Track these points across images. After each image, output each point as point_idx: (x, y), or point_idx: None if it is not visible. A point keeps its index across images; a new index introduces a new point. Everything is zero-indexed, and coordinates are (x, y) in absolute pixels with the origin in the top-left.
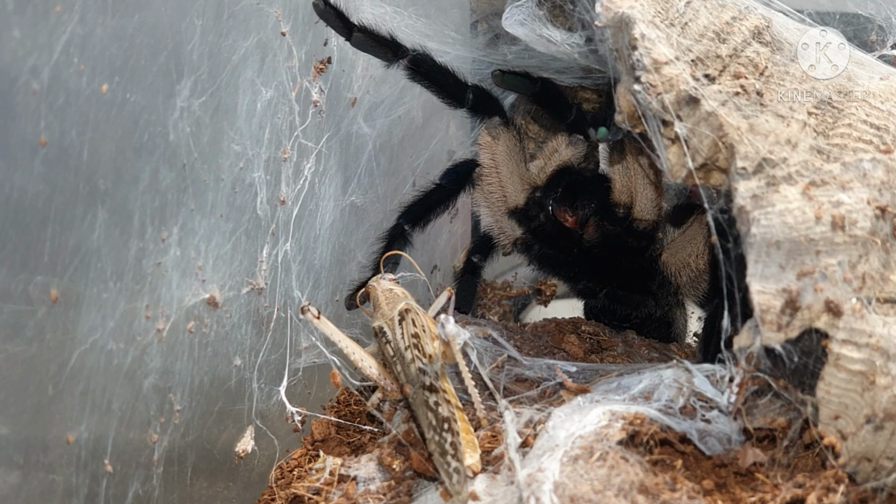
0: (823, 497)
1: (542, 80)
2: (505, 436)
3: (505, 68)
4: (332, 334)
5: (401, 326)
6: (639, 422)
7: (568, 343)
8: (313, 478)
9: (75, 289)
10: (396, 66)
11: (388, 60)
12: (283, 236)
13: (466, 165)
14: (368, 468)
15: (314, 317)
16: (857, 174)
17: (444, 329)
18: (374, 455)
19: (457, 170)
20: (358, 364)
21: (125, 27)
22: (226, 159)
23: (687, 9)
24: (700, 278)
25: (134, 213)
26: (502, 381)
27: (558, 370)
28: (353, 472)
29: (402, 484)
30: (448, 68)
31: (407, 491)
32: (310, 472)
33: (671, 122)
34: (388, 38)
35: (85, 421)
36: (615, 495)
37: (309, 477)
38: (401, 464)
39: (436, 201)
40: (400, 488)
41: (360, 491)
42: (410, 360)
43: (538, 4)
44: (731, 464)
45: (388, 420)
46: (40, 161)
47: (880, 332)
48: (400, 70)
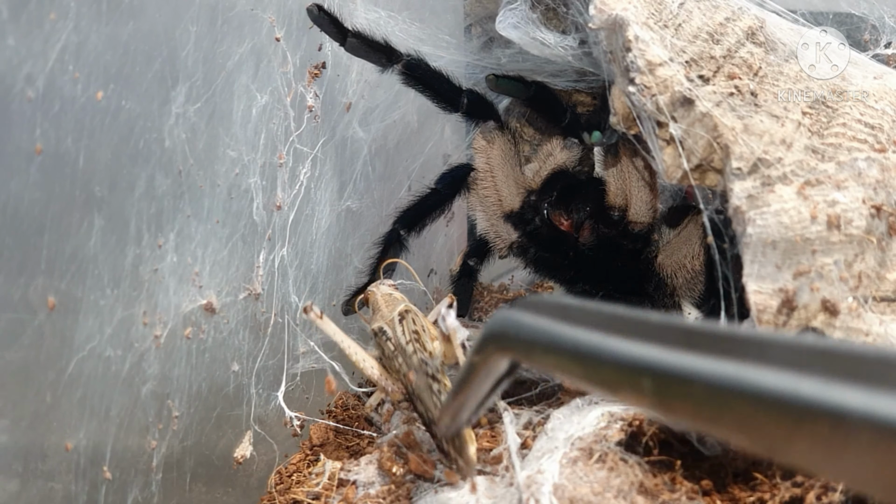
0: (822, 496)
1: (535, 83)
2: (504, 437)
3: (499, 72)
4: (334, 334)
5: (401, 325)
6: (637, 423)
7: None
8: (313, 482)
9: (72, 296)
10: (391, 72)
11: (383, 66)
12: (279, 241)
13: (462, 170)
14: (368, 472)
15: (317, 316)
16: (852, 173)
17: (445, 322)
18: (373, 458)
19: (452, 174)
20: (359, 365)
21: (120, 34)
22: (221, 165)
23: (680, 10)
24: (696, 279)
25: (130, 219)
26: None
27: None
28: (353, 476)
29: (401, 488)
30: (442, 73)
31: (406, 494)
32: (309, 477)
33: (666, 124)
34: (383, 43)
35: (83, 428)
36: (614, 497)
37: (308, 481)
38: (400, 467)
39: (431, 206)
40: (399, 492)
41: (359, 495)
42: (412, 352)
43: (531, 7)
44: (729, 464)
45: (387, 422)
46: (36, 168)
47: (877, 330)
48: (394, 75)
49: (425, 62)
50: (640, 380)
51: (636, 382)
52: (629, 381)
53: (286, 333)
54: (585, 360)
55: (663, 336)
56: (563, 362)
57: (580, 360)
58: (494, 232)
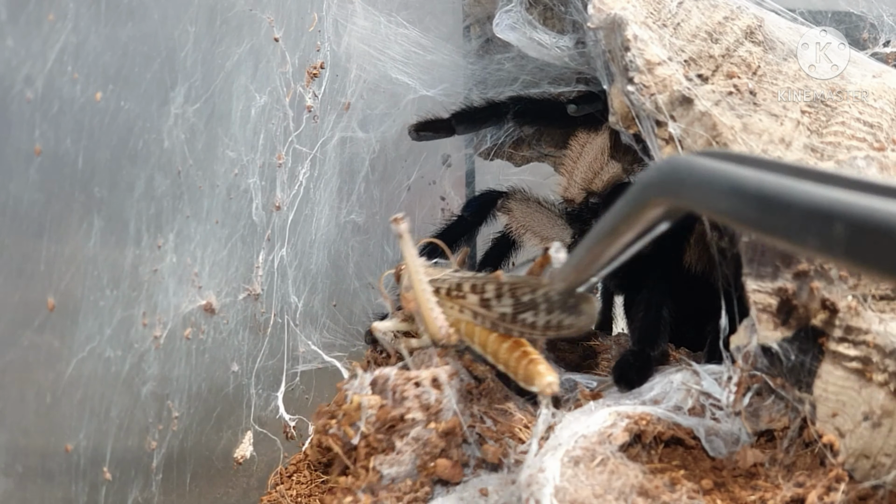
0: (824, 496)
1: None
2: (530, 440)
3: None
4: (411, 259)
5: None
6: (644, 422)
7: (561, 350)
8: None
9: (72, 296)
10: (507, 122)
11: (498, 125)
12: (278, 242)
13: (488, 196)
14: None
15: (405, 231)
16: (852, 171)
17: (557, 254)
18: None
19: (479, 201)
20: (423, 303)
21: (119, 35)
22: (221, 165)
23: (679, 9)
24: None
25: (130, 220)
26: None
27: (581, 387)
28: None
29: (421, 489)
30: (547, 99)
31: (424, 497)
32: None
33: (665, 123)
34: (485, 104)
35: (83, 429)
36: (615, 499)
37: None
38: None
39: (458, 234)
40: (418, 494)
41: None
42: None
43: (528, 9)
44: (730, 464)
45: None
46: (35, 170)
47: (876, 329)
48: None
49: (527, 98)
50: (831, 225)
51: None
52: (818, 227)
53: (286, 334)
54: (770, 204)
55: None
56: (741, 207)
57: (764, 204)
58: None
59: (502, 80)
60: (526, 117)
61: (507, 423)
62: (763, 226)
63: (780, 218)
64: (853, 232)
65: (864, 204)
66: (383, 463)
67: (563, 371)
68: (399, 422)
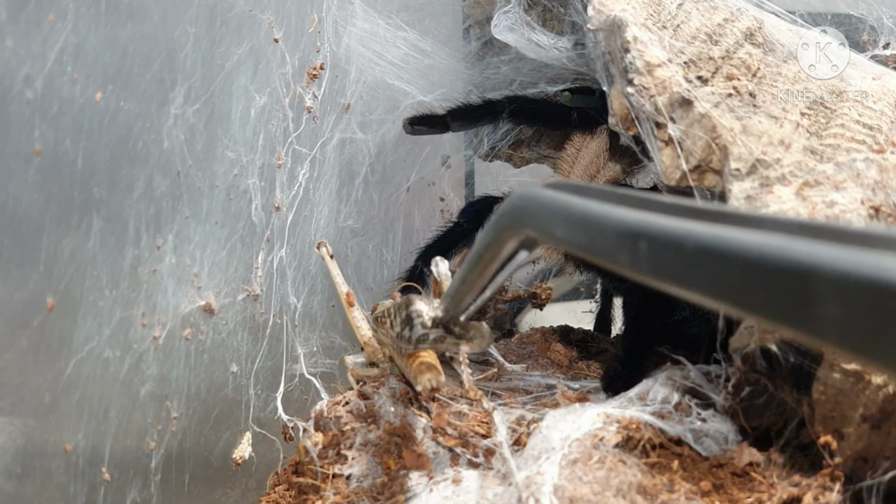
0: (820, 496)
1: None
2: (496, 434)
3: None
4: (336, 277)
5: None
6: (633, 427)
7: (553, 352)
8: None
9: (71, 297)
10: (503, 122)
11: (494, 123)
12: (278, 242)
13: (484, 202)
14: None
15: (327, 254)
16: (851, 174)
17: (437, 268)
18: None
19: (475, 207)
20: (353, 321)
21: (118, 35)
22: (220, 166)
23: (679, 11)
24: None
25: (129, 220)
26: (490, 390)
27: (559, 384)
28: (347, 470)
29: (395, 482)
30: (544, 99)
31: (401, 489)
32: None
33: (664, 125)
34: (481, 102)
35: (82, 429)
36: (614, 496)
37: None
38: (395, 461)
39: (454, 240)
40: (394, 487)
41: (352, 487)
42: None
43: (526, 10)
44: (727, 464)
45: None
46: (35, 170)
47: None
48: (506, 123)
49: (523, 97)
50: (637, 242)
51: (634, 245)
52: (628, 245)
53: (285, 334)
54: (592, 228)
55: (664, 209)
56: (572, 232)
57: (588, 228)
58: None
59: (501, 83)
60: (521, 116)
61: (464, 423)
62: (591, 249)
63: (601, 240)
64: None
65: (663, 224)
66: (342, 467)
67: (561, 377)
68: (341, 436)
